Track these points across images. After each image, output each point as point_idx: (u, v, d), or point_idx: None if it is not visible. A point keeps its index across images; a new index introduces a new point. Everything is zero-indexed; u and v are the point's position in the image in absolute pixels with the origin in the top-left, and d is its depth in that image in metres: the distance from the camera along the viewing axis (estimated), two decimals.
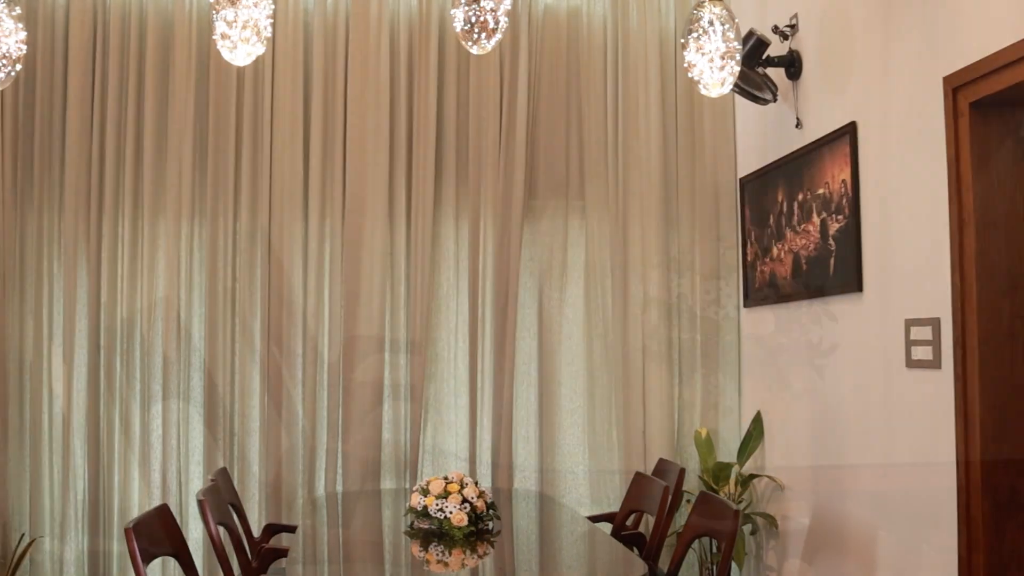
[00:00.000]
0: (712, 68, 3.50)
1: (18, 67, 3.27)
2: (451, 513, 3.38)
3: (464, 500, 3.43)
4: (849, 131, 3.88)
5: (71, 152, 4.83)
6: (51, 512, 4.80)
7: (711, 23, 3.49)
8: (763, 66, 4.35)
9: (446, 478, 3.54)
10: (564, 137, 5.15)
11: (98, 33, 4.89)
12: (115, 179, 4.87)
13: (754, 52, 4.27)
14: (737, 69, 3.52)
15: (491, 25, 3.19)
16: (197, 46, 4.94)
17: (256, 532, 4.66)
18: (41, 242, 4.86)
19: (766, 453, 4.75)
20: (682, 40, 3.55)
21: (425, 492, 3.50)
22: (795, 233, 4.36)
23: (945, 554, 3.27)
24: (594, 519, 4.27)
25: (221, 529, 3.52)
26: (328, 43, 4.99)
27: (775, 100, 4.45)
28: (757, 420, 4.76)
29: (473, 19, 3.17)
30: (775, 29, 4.45)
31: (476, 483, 3.54)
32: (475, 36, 3.20)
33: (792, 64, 4.38)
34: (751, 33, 4.26)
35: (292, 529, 4.21)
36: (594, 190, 5.13)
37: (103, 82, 4.88)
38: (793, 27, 4.40)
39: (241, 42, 3.22)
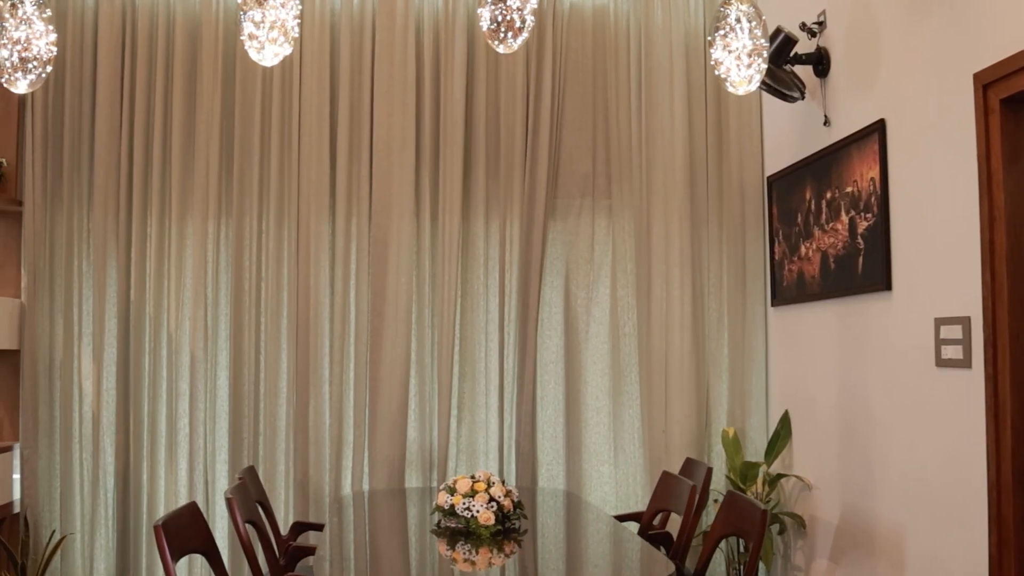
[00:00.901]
0: (739, 66, 3.49)
1: (48, 68, 3.30)
2: (478, 512, 3.39)
3: (491, 499, 3.43)
4: (878, 128, 3.85)
5: (100, 152, 4.88)
6: (81, 509, 4.84)
7: (738, 20, 3.48)
8: (791, 63, 4.33)
9: (473, 477, 3.54)
10: (591, 136, 5.15)
11: (127, 35, 4.93)
12: (143, 179, 4.92)
13: (782, 49, 4.25)
14: (764, 67, 3.50)
15: (517, 24, 3.19)
16: (224, 47, 4.98)
17: (283, 530, 4.68)
18: (71, 241, 4.91)
19: (794, 452, 4.73)
20: (709, 37, 3.54)
21: (452, 491, 3.50)
22: (823, 232, 4.33)
23: (976, 554, 3.24)
24: (621, 518, 4.26)
25: (249, 527, 3.54)
26: (355, 43, 5.01)
27: (803, 98, 4.43)
28: (785, 419, 4.73)
29: (500, 18, 3.17)
30: (803, 26, 4.42)
31: (503, 482, 3.54)
32: (502, 35, 3.20)
33: (820, 61, 4.35)
34: (779, 30, 4.24)
35: (319, 527, 4.23)
36: (621, 189, 5.12)
37: (131, 83, 4.92)
38: (821, 24, 4.37)
39: (269, 42, 3.24)
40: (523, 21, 3.20)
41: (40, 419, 4.82)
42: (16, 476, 4.78)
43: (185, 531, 3.07)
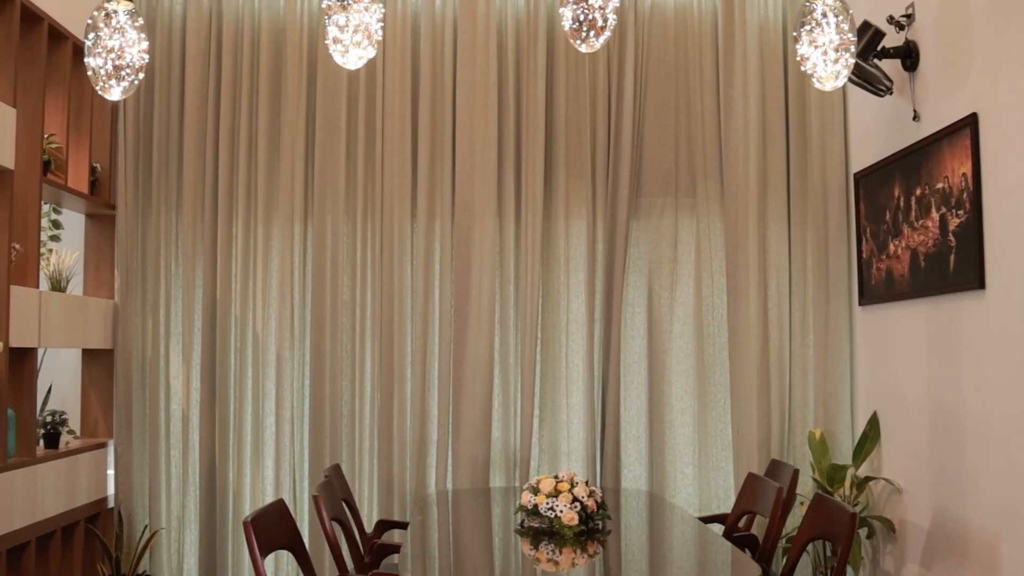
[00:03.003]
0: (826, 61, 3.43)
1: (140, 76, 3.38)
2: (561, 512, 3.38)
3: (574, 499, 3.43)
4: (970, 123, 3.75)
5: (188, 157, 4.99)
6: (168, 505, 4.96)
7: (824, 15, 3.41)
8: (878, 57, 4.24)
9: (556, 477, 3.54)
10: (673, 134, 5.12)
11: (213, 41, 5.04)
12: (229, 182, 5.01)
13: (869, 44, 4.17)
14: (852, 62, 3.44)
15: (599, 23, 3.18)
16: (308, 51, 5.05)
17: (368, 528, 4.73)
18: (159, 243, 5.03)
19: (883, 455, 4.63)
20: (794, 33, 3.48)
21: (535, 491, 3.50)
22: (912, 229, 4.23)
23: None
24: (705, 520, 4.22)
25: (334, 524, 3.58)
26: (436, 44, 5.05)
27: (891, 93, 4.33)
28: (873, 421, 4.64)
29: (581, 17, 3.17)
30: (890, 19, 4.33)
31: (586, 482, 3.53)
32: (583, 34, 3.19)
33: (908, 55, 4.26)
34: (866, 24, 4.16)
35: (404, 525, 4.26)
36: (704, 187, 5.08)
37: (218, 88, 5.03)
38: (909, 17, 4.28)
39: (353, 46, 3.28)
40: (605, 20, 3.19)
41: (133, 417, 4.94)
42: (110, 472, 4.92)
43: (273, 528, 3.12)
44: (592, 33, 3.18)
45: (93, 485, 4.73)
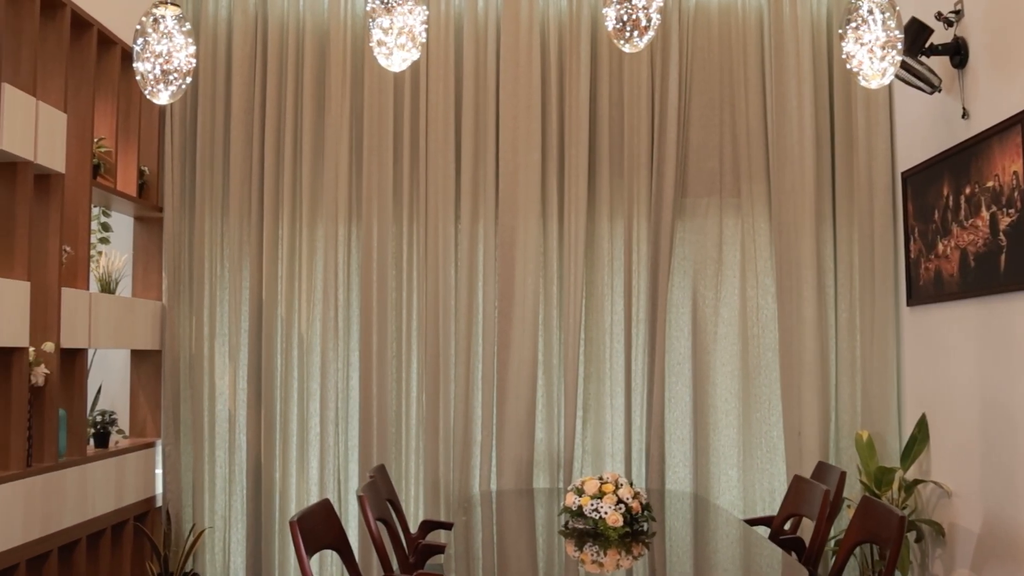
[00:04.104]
0: (872, 59, 3.38)
1: (188, 80, 3.42)
2: (606, 513, 3.37)
3: (619, 501, 3.42)
4: (1021, 120, 3.69)
5: (234, 159, 5.04)
6: (217, 504, 5.01)
7: (870, 12, 3.37)
8: (926, 55, 4.19)
9: (601, 478, 3.53)
10: (717, 134, 5.08)
11: (258, 45, 5.08)
12: (275, 184, 5.05)
13: (916, 41, 4.11)
14: (899, 59, 3.39)
15: (643, 23, 3.16)
16: (352, 54, 5.08)
17: (413, 528, 4.75)
18: (205, 245, 5.08)
19: (931, 457, 4.56)
20: (840, 30, 3.44)
21: (580, 492, 3.49)
22: (962, 228, 4.17)
23: None
24: (751, 522, 4.18)
25: (379, 524, 3.60)
26: (479, 46, 5.06)
27: (939, 90, 4.28)
28: (922, 423, 4.57)
29: (625, 17, 3.15)
30: (938, 16, 4.27)
31: (631, 484, 3.52)
32: (627, 34, 3.18)
33: (957, 51, 4.19)
34: (914, 21, 4.11)
35: (448, 526, 4.27)
36: (748, 187, 5.04)
37: (263, 92, 5.07)
38: (958, 13, 4.21)
39: (397, 48, 3.29)
40: (649, 20, 3.17)
41: (180, 417, 5.00)
42: (158, 471, 4.98)
43: (319, 527, 3.14)
44: (636, 33, 3.17)
45: (142, 484, 4.79)
